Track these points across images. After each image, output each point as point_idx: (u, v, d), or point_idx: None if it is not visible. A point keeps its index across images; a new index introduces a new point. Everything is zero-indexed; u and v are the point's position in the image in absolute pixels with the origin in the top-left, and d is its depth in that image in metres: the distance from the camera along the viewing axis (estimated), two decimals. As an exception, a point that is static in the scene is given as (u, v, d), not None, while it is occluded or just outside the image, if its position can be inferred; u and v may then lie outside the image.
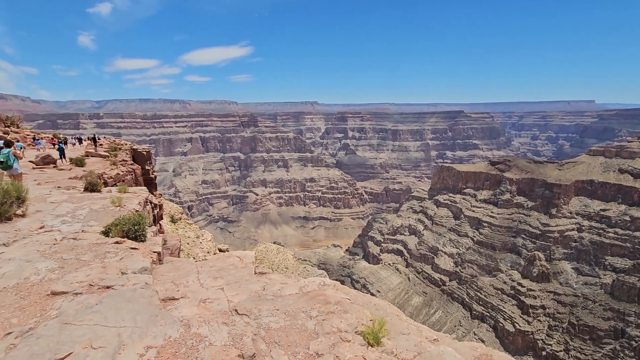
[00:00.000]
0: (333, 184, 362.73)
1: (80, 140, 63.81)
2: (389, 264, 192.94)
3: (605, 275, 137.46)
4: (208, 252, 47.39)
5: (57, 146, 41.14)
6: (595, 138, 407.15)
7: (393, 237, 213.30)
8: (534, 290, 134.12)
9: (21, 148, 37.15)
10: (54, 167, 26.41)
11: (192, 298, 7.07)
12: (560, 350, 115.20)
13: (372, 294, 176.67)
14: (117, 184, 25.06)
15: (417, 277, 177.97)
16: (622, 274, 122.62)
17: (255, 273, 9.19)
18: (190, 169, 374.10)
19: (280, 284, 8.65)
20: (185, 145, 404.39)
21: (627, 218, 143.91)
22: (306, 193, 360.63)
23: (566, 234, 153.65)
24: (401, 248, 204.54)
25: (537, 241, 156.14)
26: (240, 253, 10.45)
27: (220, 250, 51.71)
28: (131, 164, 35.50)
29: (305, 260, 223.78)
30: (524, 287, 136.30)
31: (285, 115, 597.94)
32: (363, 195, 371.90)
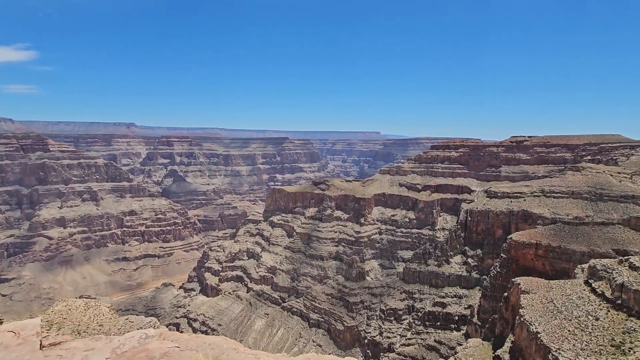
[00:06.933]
0: (160, 215, 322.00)
1: None
2: (229, 292, 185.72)
3: (398, 265, 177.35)
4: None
5: None
6: (383, 161, 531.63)
7: (232, 264, 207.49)
8: (354, 289, 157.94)
9: None
10: None
11: None
12: (377, 335, 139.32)
13: (213, 329, 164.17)
14: None
15: (258, 300, 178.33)
16: (408, 262, 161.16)
17: (41, 347, 6.88)
18: None
19: (84, 352, 6.81)
20: None
21: (407, 220, 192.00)
22: (125, 229, 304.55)
23: (372, 237, 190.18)
24: (241, 274, 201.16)
25: (353, 247, 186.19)
26: (15, 325, 7.60)
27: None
28: None
29: (128, 310, 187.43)
30: (347, 287, 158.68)
31: (91, 137, 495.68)
32: (196, 224, 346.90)
